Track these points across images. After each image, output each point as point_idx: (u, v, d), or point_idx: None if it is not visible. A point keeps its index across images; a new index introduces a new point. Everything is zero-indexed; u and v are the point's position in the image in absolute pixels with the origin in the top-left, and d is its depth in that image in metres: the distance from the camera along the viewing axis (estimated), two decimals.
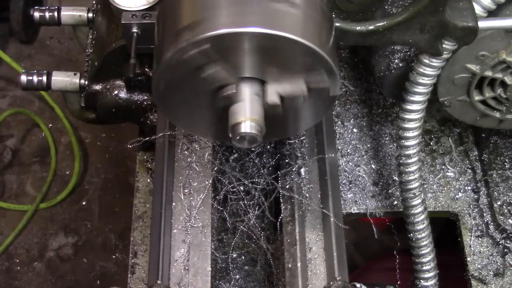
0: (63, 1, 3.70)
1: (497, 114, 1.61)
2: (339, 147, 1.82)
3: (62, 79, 1.74)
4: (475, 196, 1.78)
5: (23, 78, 1.73)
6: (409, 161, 1.55)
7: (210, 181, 1.58)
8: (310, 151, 1.63)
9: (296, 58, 1.19)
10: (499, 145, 1.81)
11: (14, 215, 3.30)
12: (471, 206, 1.77)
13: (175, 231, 1.52)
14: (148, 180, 1.79)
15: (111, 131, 3.47)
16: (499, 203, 1.74)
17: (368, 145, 1.84)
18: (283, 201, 1.60)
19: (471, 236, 1.73)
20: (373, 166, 1.81)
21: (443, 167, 1.82)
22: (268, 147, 1.68)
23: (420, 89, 1.46)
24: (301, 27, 1.18)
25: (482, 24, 1.32)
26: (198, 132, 1.51)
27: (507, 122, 1.64)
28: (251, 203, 1.63)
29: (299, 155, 1.63)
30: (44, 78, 1.73)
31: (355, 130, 1.86)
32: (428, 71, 1.42)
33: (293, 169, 1.61)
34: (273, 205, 1.68)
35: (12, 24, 3.41)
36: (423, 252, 1.59)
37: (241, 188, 1.63)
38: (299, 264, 1.49)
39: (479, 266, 1.70)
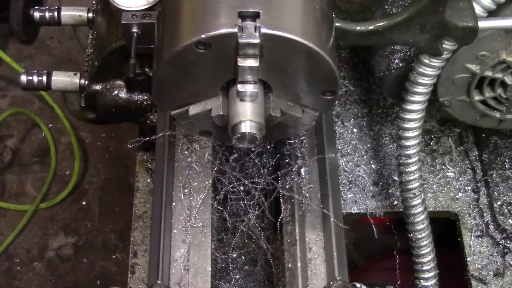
0: (63, 1, 3.70)
1: (497, 114, 1.61)
2: (339, 147, 1.82)
3: (62, 79, 1.74)
4: (475, 196, 1.78)
5: (23, 78, 1.73)
6: (409, 161, 1.55)
7: (210, 181, 1.58)
8: (310, 151, 1.63)
9: (297, 58, 1.19)
10: (499, 145, 1.81)
11: (14, 215, 3.30)
12: (471, 206, 1.77)
13: (175, 231, 1.52)
14: (148, 180, 1.79)
15: (111, 131, 3.47)
16: (499, 203, 1.74)
17: (368, 145, 1.84)
18: (283, 201, 1.60)
19: (471, 236, 1.74)
20: (373, 166, 1.81)
21: (443, 167, 1.82)
22: (268, 147, 1.68)
23: (420, 89, 1.46)
24: (301, 27, 1.19)
25: (482, 24, 1.32)
26: (198, 132, 1.51)
27: (507, 122, 1.64)
28: (251, 203, 1.63)
29: (299, 155, 1.63)
30: (44, 78, 1.73)
31: (355, 130, 1.86)
32: (428, 71, 1.42)
33: (293, 169, 1.61)
34: (273, 205, 1.68)
35: (12, 24, 3.42)
36: (423, 252, 1.59)
37: (241, 188, 1.63)
38: (299, 264, 1.49)
39: (479, 266, 1.70)
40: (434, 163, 1.83)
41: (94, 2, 1.81)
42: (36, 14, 1.81)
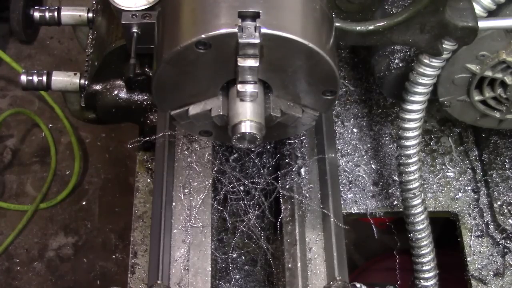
0: (63, 1, 3.70)
1: (497, 114, 1.61)
2: (339, 147, 1.82)
3: (62, 79, 1.74)
4: (475, 196, 1.78)
5: (23, 78, 1.73)
6: (409, 161, 1.55)
7: (210, 181, 1.58)
8: (310, 151, 1.63)
9: (297, 58, 1.19)
10: (499, 145, 1.81)
11: (14, 215, 3.30)
12: (471, 206, 1.77)
13: (175, 231, 1.52)
14: (148, 180, 1.79)
15: (111, 131, 3.47)
16: (499, 203, 1.74)
17: (368, 145, 1.84)
18: (283, 201, 1.60)
19: (471, 236, 1.74)
20: (373, 166, 1.81)
21: (443, 167, 1.82)
22: (268, 147, 1.68)
23: (420, 89, 1.46)
24: (301, 27, 1.19)
25: (482, 24, 1.32)
26: (198, 132, 1.51)
27: (507, 122, 1.64)
28: (251, 203, 1.63)
29: (299, 155, 1.63)
30: (44, 78, 1.73)
31: (355, 130, 1.86)
32: (428, 71, 1.42)
33: (293, 169, 1.61)
34: (273, 205, 1.68)
35: (12, 24, 3.42)
36: (423, 252, 1.59)
37: (241, 188, 1.63)
38: (299, 264, 1.49)
39: (479, 266, 1.70)
40: (434, 163, 1.83)
41: (94, 2, 1.82)
42: (36, 14, 1.81)
